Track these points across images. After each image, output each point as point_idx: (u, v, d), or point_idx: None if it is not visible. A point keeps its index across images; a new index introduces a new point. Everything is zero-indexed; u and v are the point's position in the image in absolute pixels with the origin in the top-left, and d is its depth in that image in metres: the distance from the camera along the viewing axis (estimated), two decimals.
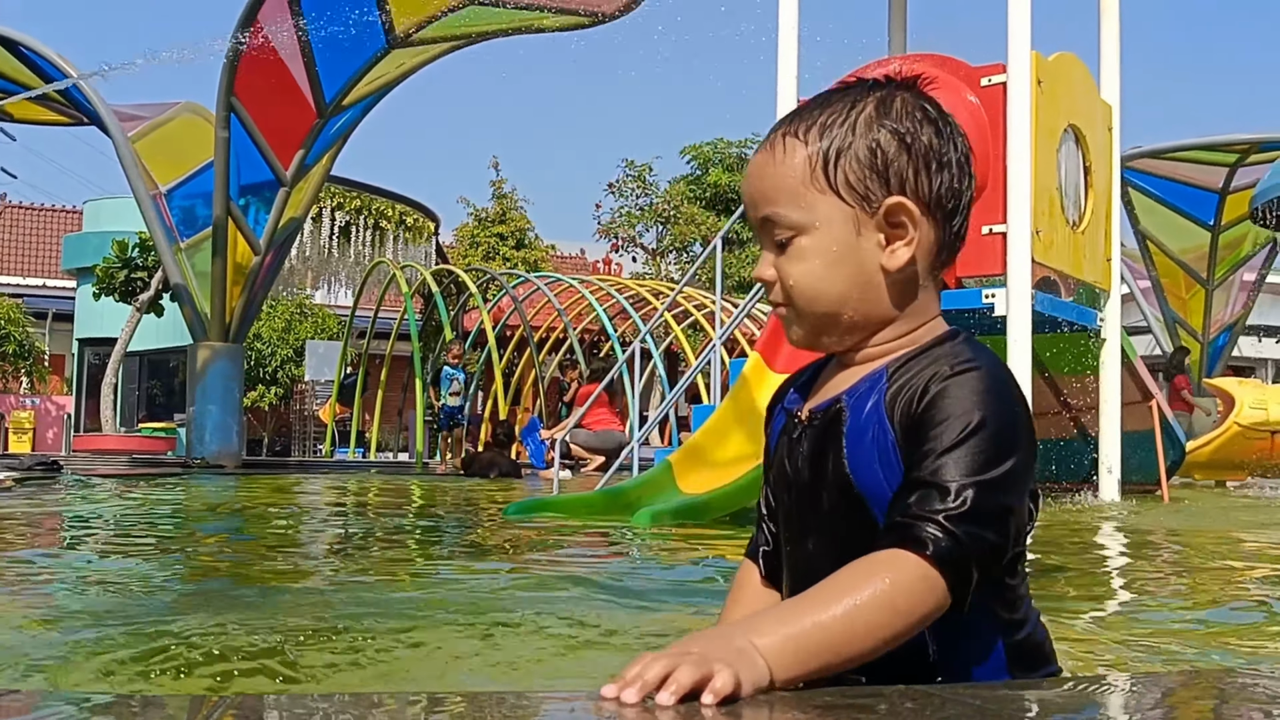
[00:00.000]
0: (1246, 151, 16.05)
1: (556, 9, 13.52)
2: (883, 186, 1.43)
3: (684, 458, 6.79)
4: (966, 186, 1.46)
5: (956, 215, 1.46)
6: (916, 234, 1.42)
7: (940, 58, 8.27)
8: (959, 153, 1.46)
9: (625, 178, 30.72)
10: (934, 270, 1.46)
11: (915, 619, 1.27)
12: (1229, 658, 2.26)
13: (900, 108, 1.46)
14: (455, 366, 15.48)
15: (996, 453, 1.30)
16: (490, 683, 1.96)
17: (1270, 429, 14.24)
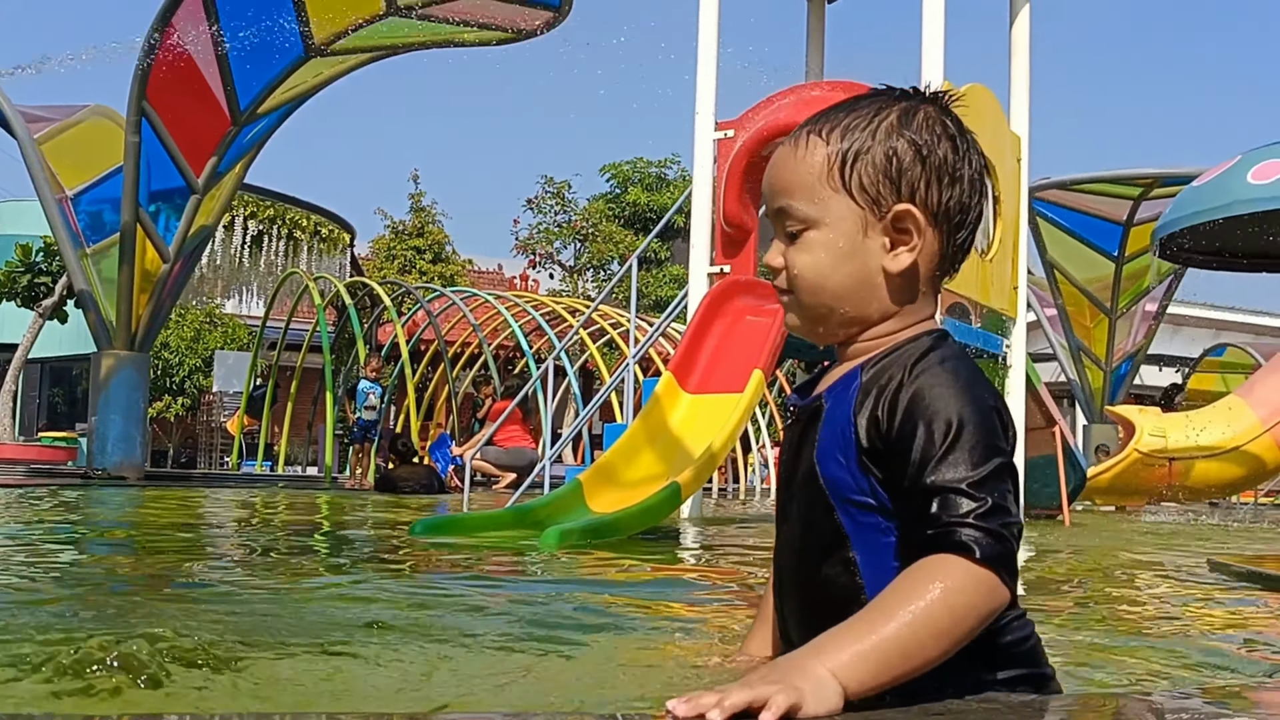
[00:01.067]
0: (1150, 186, 16.50)
1: (477, 24, 13.50)
2: (894, 192, 1.48)
3: (594, 477, 6.77)
4: (976, 203, 1.52)
5: (962, 229, 1.51)
6: (920, 241, 1.48)
7: (856, 85, 8.40)
8: (973, 169, 1.52)
9: (544, 194, 30.73)
10: (934, 278, 1.53)
11: (975, 620, 1.31)
12: (1122, 679, 2.30)
13: (922, 120, 1.51)
14: (372, 380, 15.31)
15: (990, 443, 1.37)
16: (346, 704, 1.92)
17: (1168, 456, 14.61)
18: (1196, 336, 26.97)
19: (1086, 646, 2.72)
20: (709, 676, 1.97)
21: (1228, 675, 2.40)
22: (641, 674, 2.20)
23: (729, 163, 8.41)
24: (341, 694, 1.95)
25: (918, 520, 1.36)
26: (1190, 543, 7.85)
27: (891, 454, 1.40)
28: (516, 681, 2.09)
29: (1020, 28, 9.56)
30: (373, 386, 15.26)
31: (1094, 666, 2.40)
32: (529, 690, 2.03)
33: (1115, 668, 2.41)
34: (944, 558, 1.32)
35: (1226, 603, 4.00)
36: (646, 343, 9.97)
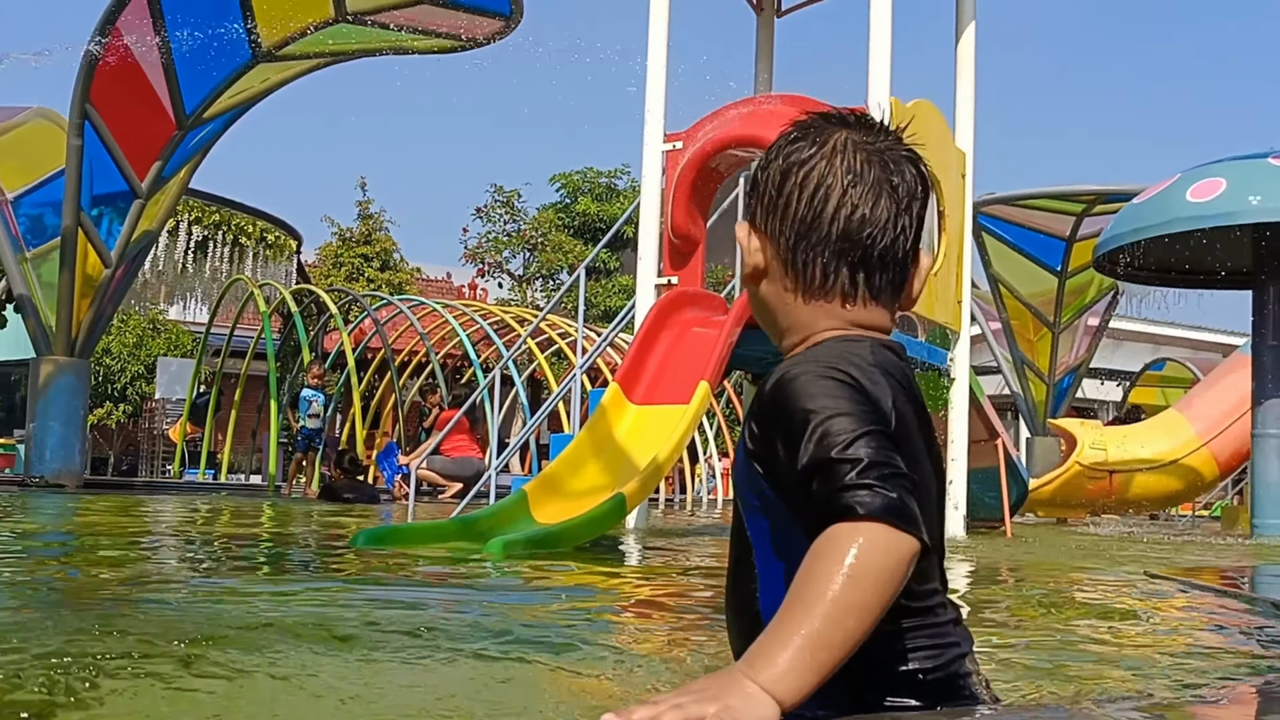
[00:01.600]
0: (1093, 202, 16.72)
1: (427, 31, 13.45)
2: (751, 210, 1.57)
3: (539, 487, 6.75)
4: (816, 222, 1.53)
5: (803, 248, 1.53)
6: (759, 259, 1.56)
7: (804, 99, 8.45)
8: (816, 189, 1.53)
9: (494, 203, 30.62)
10: (807, 293, 1.54)
11: (887, 581, 1.27)
12: (1055, 689, 2.32)
13: (779, 145, 1.58)
14: (315, 388, 15.18)
15: (851, 412, 1.36)
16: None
17: (1109, 469, 14.82)
18: (1137, 351, 27.37)
19: (1022, 652, 2.75)
20: (650, 688, 1.97)
21: (1161, 683, 2.43)
22: (583, 686, 2.20)
23: (677, 174, 8.44)
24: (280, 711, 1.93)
25: (806, 508, 1.34)
26: (1129, 554, 7.96)
27: (768, 452, 1.41)
28: (456, 696, 2.08)
29: (965, 45, 9.68)
30: (316, 394, 15.14)
31: (1028, 678, 2.42)
32: (470, 705, 2.02)
33: (1048, 679, 2.43)
34: (833, 530, 1.29)
35: (1161, 613, 4.06)
36: (594, 353, 9.97)
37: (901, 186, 1.55)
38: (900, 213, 1.54)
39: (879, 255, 1.53)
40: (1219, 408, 14.81)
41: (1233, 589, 4.96)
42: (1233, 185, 10.84)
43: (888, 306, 1.56)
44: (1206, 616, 3.98)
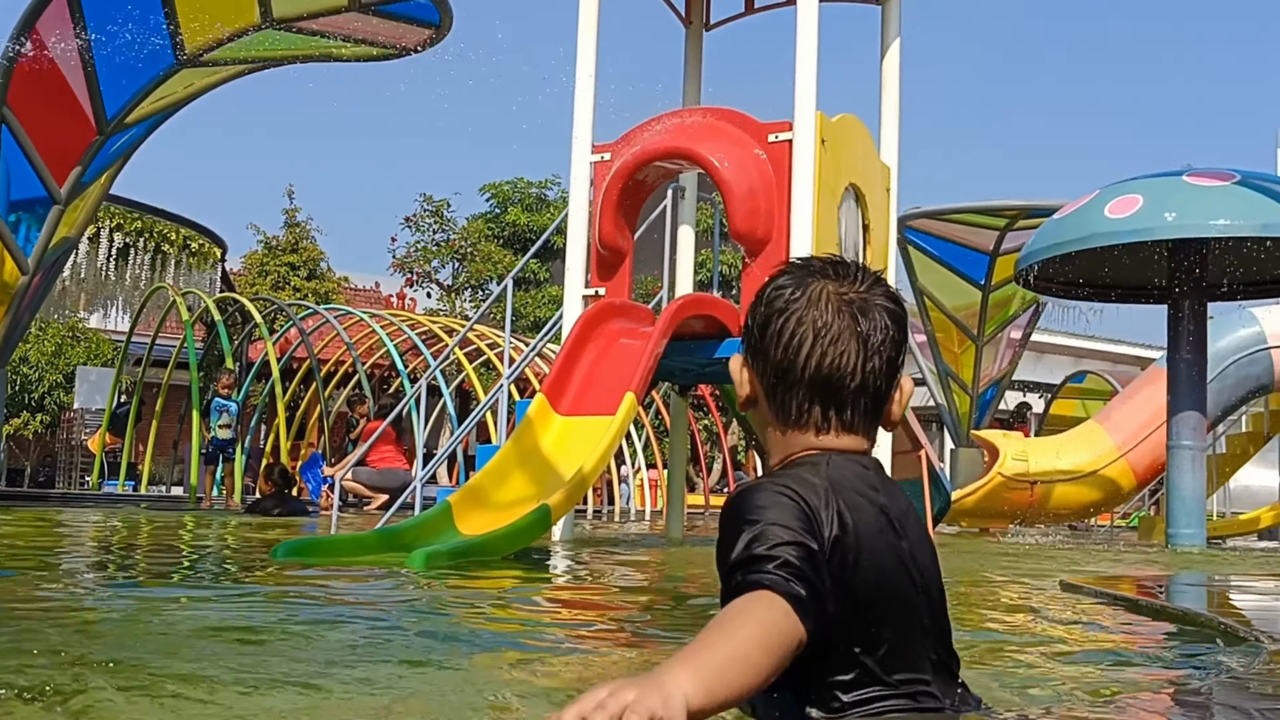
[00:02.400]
0: (1015, 217, 16.99)
1: (355, 39, 13.34)
2: (742, 347, 1.81)
3: (464, 498, 6.72)
4: (791, 365, 1.73)
5: (780, 387, 1.74)
6: (749, 390, 1.79)
7: (731, 112, 8.52)
8: (791, 336, 1.73)
9: (423, 212, 30.43)
10: (785, 423, 1.75)
11: (782, 644, 1.46)
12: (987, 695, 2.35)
13: (796, 290, 1.75)
14: (226, 398, 14.95)
15: (781, 525, 1.55)
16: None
17: (1031, 479, 15.06)
18: (1058, 363, 27.87)
19: None
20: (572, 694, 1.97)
21: (1069, 688, 2.47)
22: (504, 693, 2.19)
23: (605, 186, 8.46)
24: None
25: (728, 597, 1.54)
26: (1047, 563, 8.09)
27: (721, 549, 1.61)
28: (374, 710, 2.06)
29: (891, 61, 9.81)
30: (227, 404, 14.90)
31: None
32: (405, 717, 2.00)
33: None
34: (759, 592, 1.49)
35: (1074, 623, 4.13)
36: (521, 364, 9.94)
37: (872, 334, 1.72)
38: (869, 356, 1.71)
39: (849, 394, 1.72)
40: (1136, 420, 15.10)
41: (1144, 598, 5.06)
42: (1149, 202, 11.08)
43: (862, 431, 1.74)
44: (1115, 625, 4.06)
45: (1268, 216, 10.74)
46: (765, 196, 8.08)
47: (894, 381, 1.76)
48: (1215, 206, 10.90)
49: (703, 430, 23.19)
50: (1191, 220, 10.90)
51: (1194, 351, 12.03)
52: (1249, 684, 2.46)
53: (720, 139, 8.25)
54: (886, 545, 1.65)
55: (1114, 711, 2.23)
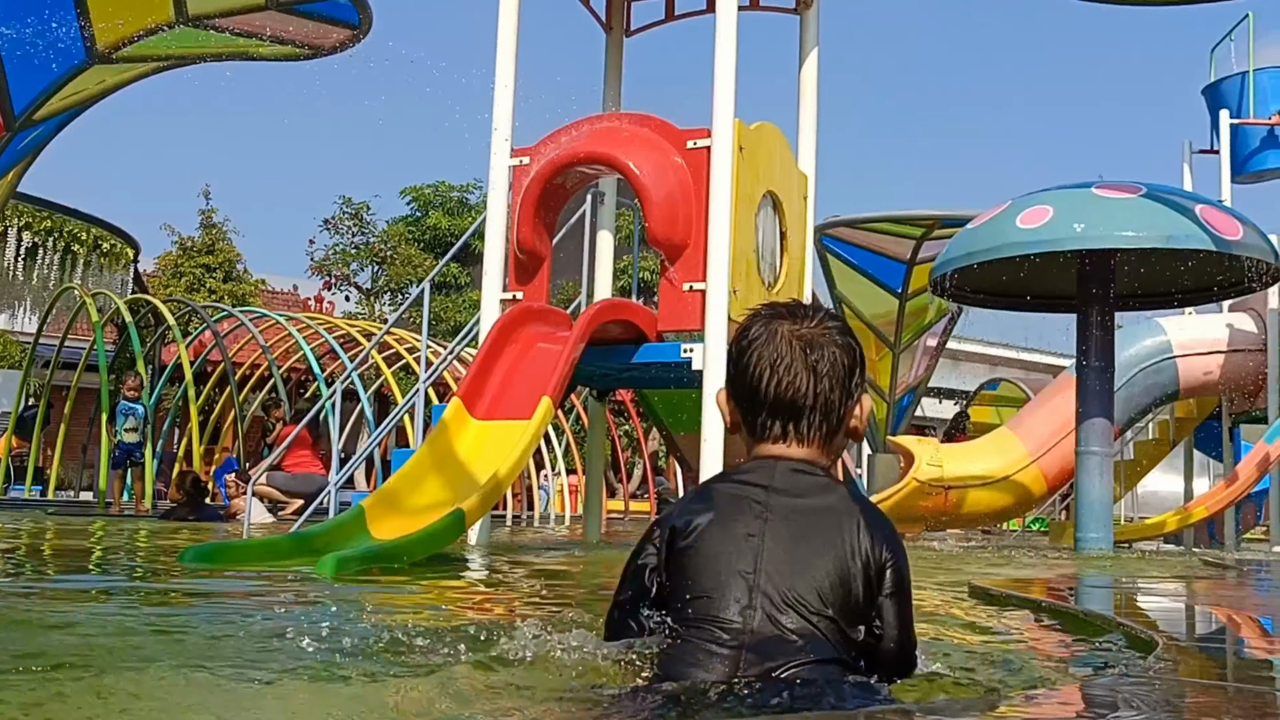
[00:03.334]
0: (931, 226, 17.24)
1: (272, 38, 13.17)
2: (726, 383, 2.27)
3: (377, 503, 6.66)
4: (756, 392, 2.17)
5: (750, 411, 2.19)
6: (731, 418, 2.24)
7: (651, 118, 8.55)
8: (754, 369, 2.17)
9: (342, 214, 30.11)
10: (752, 438, 2.21)
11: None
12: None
13: (761, 330, 2.19)
14: (132, 400, 14.64)
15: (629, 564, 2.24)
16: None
17: (945, 485, 15.26)
18: (974, 371, 28.34)
19: None
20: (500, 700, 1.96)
21: (967, 686, 2.51)
22: (414, 699, 2.17)
23: (524, 190, 8.44)
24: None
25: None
26: (958, 567, 8.21)
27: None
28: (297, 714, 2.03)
29: (809, 70, 9.90)
30: (133, 407, 14.61)
31: None
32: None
33: None
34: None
35: (979, 625, 4.19)
36: (438, 368, 9.88)
37: (820, 363, 2.15)
38: (819, 380, 2.14)
39: (806, 412, 2.14)
40: (1047, 426, 15.37)
41: (1049, 599, 5.16)
42: (1059, 213, 11.29)
43: (818, 444, 2.17)
44: (1019, 626, 4.13)
45: (1173, 229, 11.00)
46: (683, 202, 8.11)
47: (848, 401, 2.18)
48: (1123, 218, 11.14)
49: (623, 436, 23.20)
50: (1099, 231, 11.13)
51: (1102, 360, 12.29)
52: (1147, 683, 2.52)
53: (639, 145, 8.27)
54: (731, 532, 2.08)
55: (1009, 709, 2.27)
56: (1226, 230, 11.11)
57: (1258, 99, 16.02)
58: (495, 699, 2.10)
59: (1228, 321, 15.35)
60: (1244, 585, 7.65)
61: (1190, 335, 15.40)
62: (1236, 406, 15.88)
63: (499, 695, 2.12)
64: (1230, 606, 5.78)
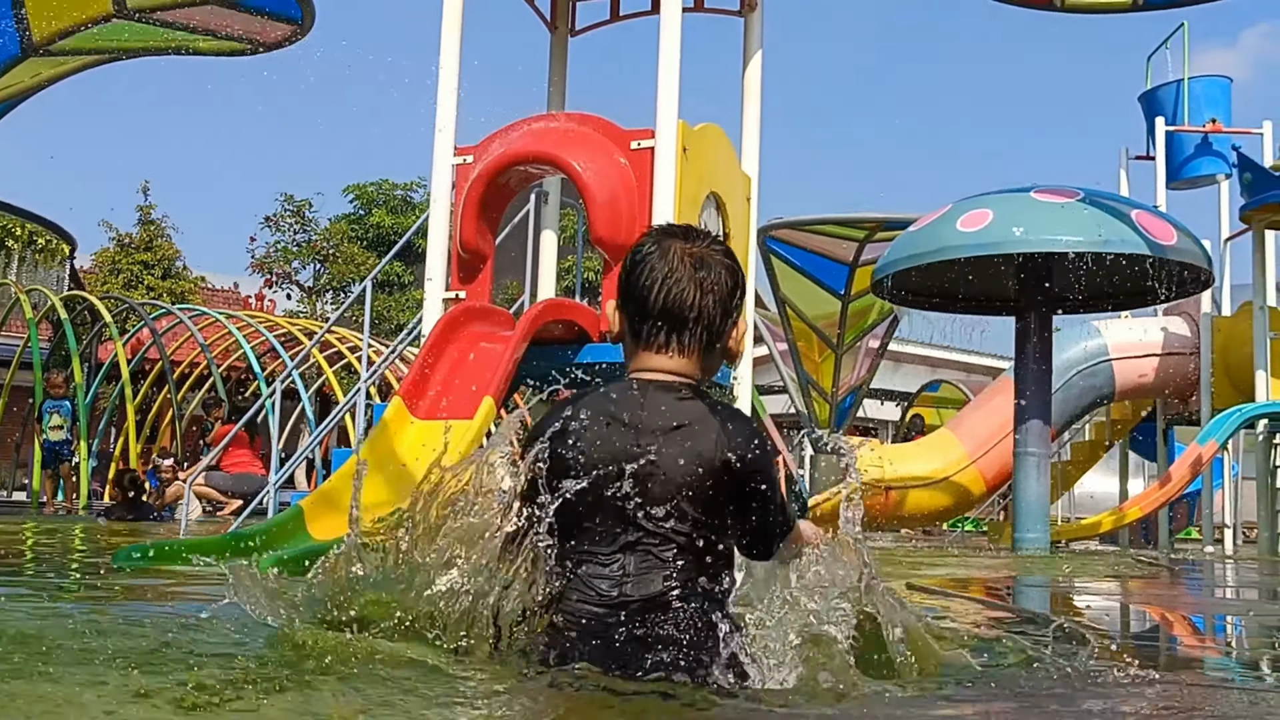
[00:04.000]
0: (874, 229, 17.37)
1: (212, 32, 13.02)
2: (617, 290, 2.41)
3: (316, 502, 6.59)
4: (646, 301, 2.31)
5: (639, 318, 2.33)
6: (618, 327, 2.41)
7: (594, 118, 8.52)
8: (646, 279, 2.32)
9: (284, 212, 29.82)
10: (635, 344, 2.35)
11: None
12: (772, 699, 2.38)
13: (654, 247, 2.35)
14: (58, 398, 14.39)
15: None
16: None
17: (886, 485, 15.39)
18: (915, 372, 28.58)
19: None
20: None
21: (892, 684, 2.53)
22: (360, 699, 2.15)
23: (467, 188, 8.39)
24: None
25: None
26: (898, 567, 8.28)
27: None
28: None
29: (753, 72, 9.93)
30: (58, 405, 14.36)
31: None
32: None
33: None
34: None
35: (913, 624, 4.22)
36: (379, 367, 9.81)
37: (706, 279, 2.31)
38: (704, 295, 2.30)
39: (689, 323, 2.29)
40: (987, 427, 15.56)
41: (985, 598, 5.23)
42: (998, 217, 11.44)
43: (695, 356, 2.32)
44: (954, 624, 4.17)
45: (1109, 233, 11.18)
46: (627, 203, 8.10)
47: (729, 318, 2.33)
48: (1061, 222, 11.31)
49: None
50: (1038, 235, 11.28)
51: (1040, 362, 12.45)
52: (1079, 678, 2.55)
53: (583, 144, 8.25)
54: (606, 443, 2.23)
55: (939, 705, 2.29)
56: (1161, 235, 11.31)
57: (1192, 107, 16.31)
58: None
59: (1162, 325, 15.63)
60: (1177, 584, 7.79)
61: (1126, 338, 15.66)
62: (1171, 409, 16.17)
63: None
64: (1162, 605, 5.88)
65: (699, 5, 10.06)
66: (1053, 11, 13.05)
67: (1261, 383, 13.41)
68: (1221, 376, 14.74)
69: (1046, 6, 13.03)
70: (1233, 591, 7.53)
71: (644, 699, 2.03)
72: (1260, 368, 13.43)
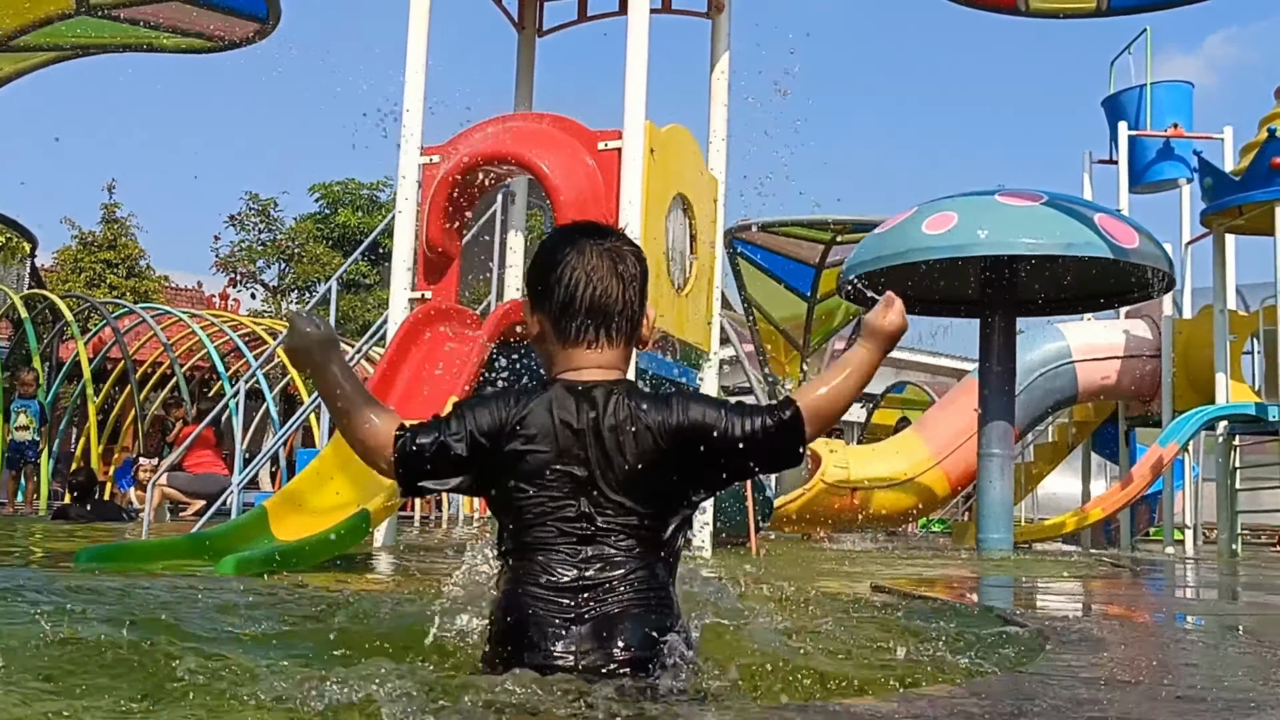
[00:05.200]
0: (840, 231, 17.46)
1: (177, 30, 12.92)
2: (528, 293, 2.49)
3: (280, 503, 6.56)
4: (572, 300, 2.38)
5: (565, 318, 2.38)
6: (537, 328, 2.44)
7: (562, 118, 8.53)
8: (570, 279, 2.38)
9: (248, 211, 29.61)
10: (562, 343, 2.39)
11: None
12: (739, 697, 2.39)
13: (568, 245, 2.43)
14: (28, 398, 14.24)
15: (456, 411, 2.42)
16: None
17: (851, 486, 15.46)
18: (880, 374, 28.59)
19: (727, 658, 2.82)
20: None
21: (852, 683, 2.54)
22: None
23: (434, 188, 8.37)
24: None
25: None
26: (864, 567, 8.32)
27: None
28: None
29: (720, 74, 9.96)
30: (27, 404, 14.21)
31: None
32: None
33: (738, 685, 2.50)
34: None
35: (879, 623, 4.25)
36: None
37: (625, 272, 2.41)
38: (626, 287, 2.40)
39: (615, 317, 2.39)
40: (951, 429, 15.65)
41: (950, 599, 5.26)
42: (963, 220, 11.52)
43: (623, 346, 2.42)
44: (917, 624, 4.19)
45: (1072, 236, 11.28)
46: (594, 204, 8.11)
47: (642, 306, 2.44)
48: (1025, 226, 11.40)
49: None
50: (1002, 238, 11.37)
51: (1004, 364, 12.55)
52: (1037, 678, 2.57)
53: (550, 145, 8.25)
54: (552, 436, 2.29)
55: (898, 703, 2.30)
56: (1124, 239, 11.42)
57: (1155, 111, 16.46)
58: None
59: (1124, 328, 15.77)
60: (1138, 584, 7.87)
61: (1088, 341, 15.79)
62: (1132, 410, 16.32)
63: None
64: (1124, 605, 5.94)
65: (666, 7, 10.07)
66: (1017, 15, 13.16)
67: (1221, 385, 13.56)
68: (1182, 379, 14.90)
69: (1011, 10, 13.14)
70: (1193, 591, 7.62)
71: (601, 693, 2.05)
72: (1220, 370, 13.58)
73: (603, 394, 2.33)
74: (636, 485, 2.29)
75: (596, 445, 2.29)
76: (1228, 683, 2.71)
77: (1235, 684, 2.69)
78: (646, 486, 2.30)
